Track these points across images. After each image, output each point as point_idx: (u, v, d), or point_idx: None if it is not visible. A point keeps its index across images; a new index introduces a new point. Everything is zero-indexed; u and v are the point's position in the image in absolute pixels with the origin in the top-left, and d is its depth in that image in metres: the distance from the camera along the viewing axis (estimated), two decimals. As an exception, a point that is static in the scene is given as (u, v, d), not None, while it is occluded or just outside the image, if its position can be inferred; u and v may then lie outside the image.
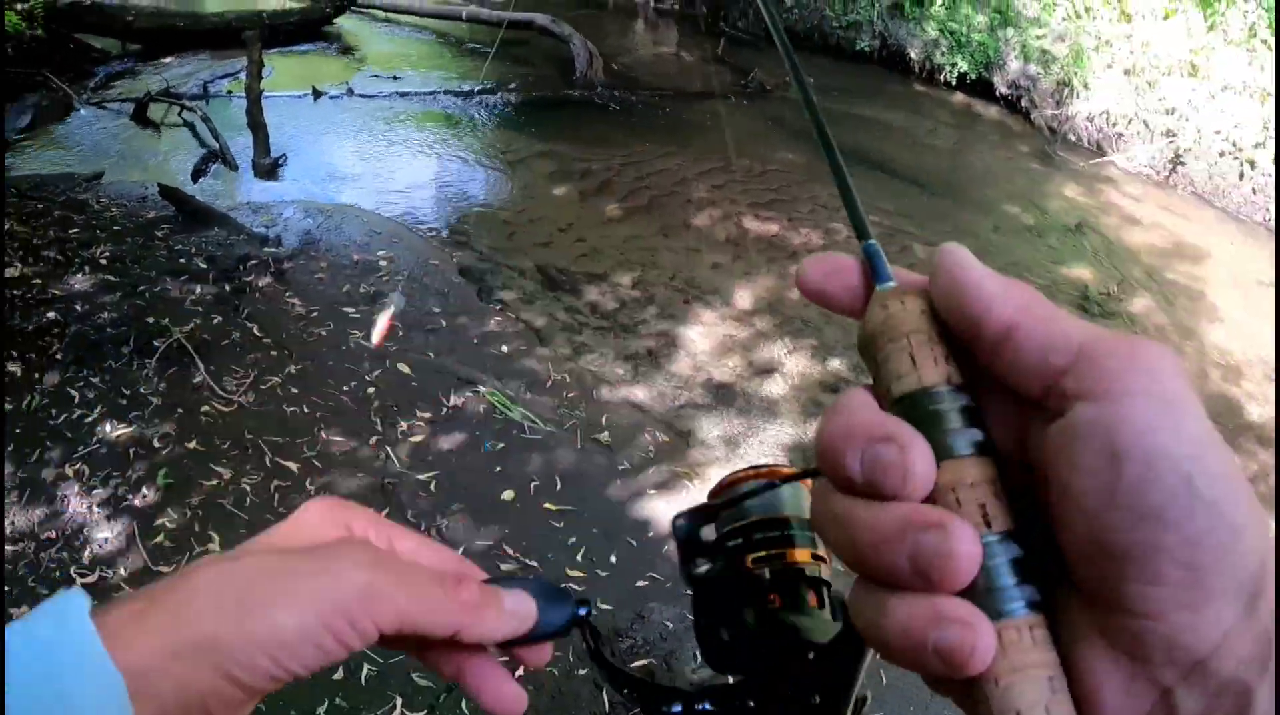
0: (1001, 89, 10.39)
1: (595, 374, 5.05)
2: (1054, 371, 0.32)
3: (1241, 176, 8.39)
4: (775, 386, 5.25)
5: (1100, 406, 0.30)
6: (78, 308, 4.71)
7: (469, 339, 5.15)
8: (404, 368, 4.66)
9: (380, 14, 11.95)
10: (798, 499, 0.70)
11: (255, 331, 4.80)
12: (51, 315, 4.58)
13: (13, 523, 3.38)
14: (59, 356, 4.30)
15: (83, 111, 9.01)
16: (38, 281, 4.90)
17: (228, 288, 5.16)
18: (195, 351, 4.40)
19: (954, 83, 10.68)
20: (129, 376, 4.26)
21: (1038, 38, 10.14)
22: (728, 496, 0.69)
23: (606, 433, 4.33)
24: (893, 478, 0.33)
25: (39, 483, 3.60)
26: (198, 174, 7.36)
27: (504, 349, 5.10)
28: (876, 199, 7.71)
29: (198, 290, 5.08)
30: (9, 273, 4.80)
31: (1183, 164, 8.77)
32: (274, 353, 4.61)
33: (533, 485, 3.90)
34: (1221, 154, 8.57)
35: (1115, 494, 0.29)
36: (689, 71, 10.63)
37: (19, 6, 10.10)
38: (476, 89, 9.28)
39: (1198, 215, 8.38)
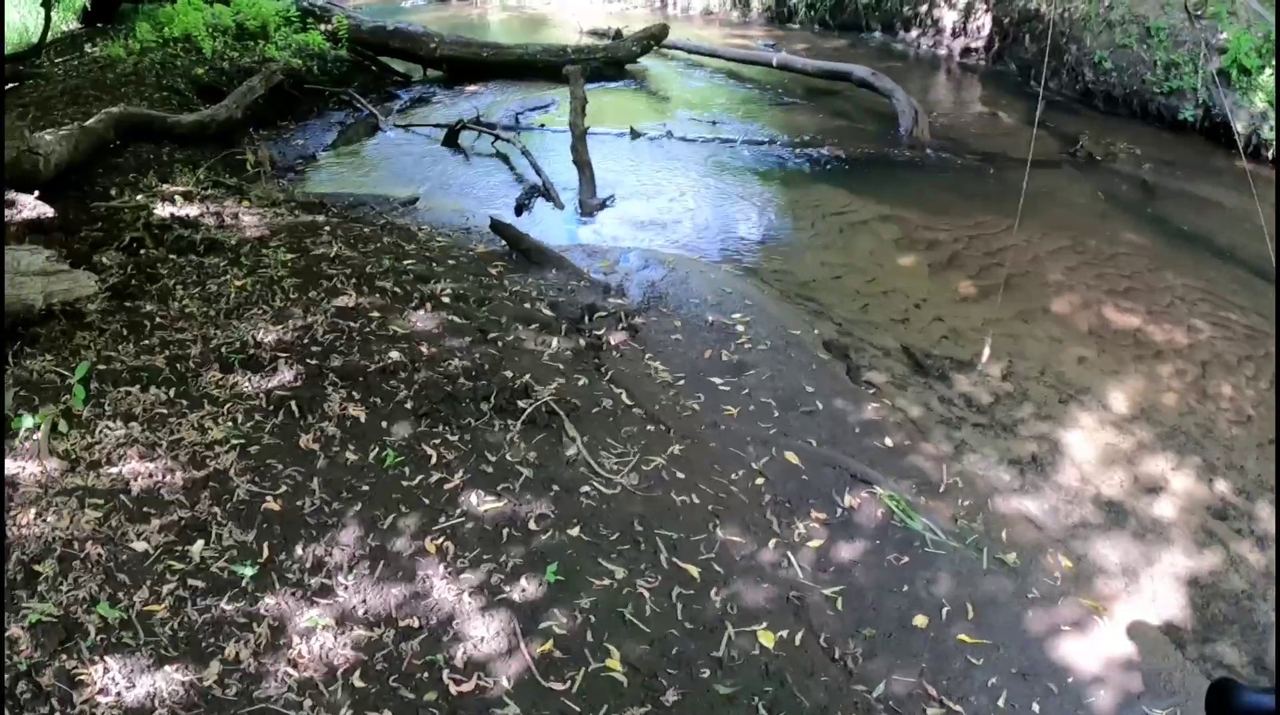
0: None
1: (985, 479, 4.61)
2: None
3: None
4: (1164, 508, 4.71)
5: None
6: (424, 349, 4.33)
7: (849, 427, 4.74)
8: (791, 457, 4.24)
9: (683, 55, 11.68)
10: None
11: (624, 398, 4.40)
12: (395, 355, 4.19)
13: (364, 600, 2.90)
14: (408, 405, 3.88)
15: (390, 133, 9.07)
16: (375, 314, 4.59)
17: (582, 342, 4.75)
18: (566, 417, 3.94)
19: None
20: (491, 439, 3.79)
21: None
22: None
23: (1013, 554, 3.87)
24: None
25: (394, 555, 3.11)
26: (520, 208, 7.13)
27: (888, 442, 4.66)
28: (1232, 295, 6.92)
29: (553, 343, 4.72)
30: (342, 301, 4.55)
31: None
32: (650, 427, 4.17)
33: (944, 610, 3.49)
34: None
35: None
36: (1011, 135, 9.90)
37: (323, 28, 10.38)
38: (798, 141, 8.71)
39: None
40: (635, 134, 9.00)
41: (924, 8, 13.08)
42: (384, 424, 3.77)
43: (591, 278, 5.95)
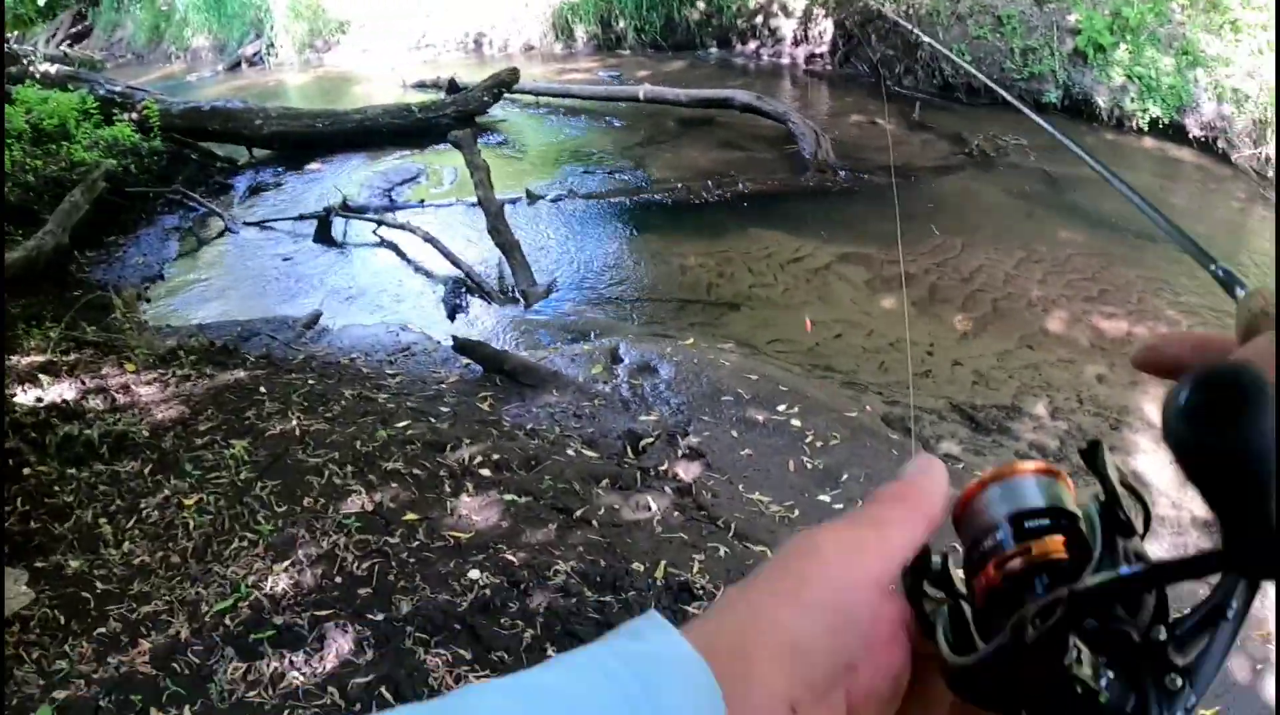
0: (1195, 131, 9.77)
1: None
2: None
3: None
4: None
5: None
6: (510, 558, 3.18)
7: None
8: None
9: (529, 98, 10.62)
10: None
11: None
12: (476, 575, 3.09)
13: None
14: (544, 648, 2.80)
15: (241, 233, 7.57)
16: (411, 517, 3.38)
17: (667, 489, 3.76)
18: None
19: (1145, 128, 10.02)
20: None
21: (1227, 76, 9.59)
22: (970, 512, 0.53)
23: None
24: None
25: None
26: (454, 312, 5.94)
27: None
28: (1176, 278, 7.00)
29: (651, 505, 3.72)
30: (355, 503, 3.32)
31: None
32: None
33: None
34: None
35: None
36: (903, 142, 9.61)
37: (128, 116, 8.69)
38: (708, 182, 8.00)
39: None
40: (533, 197, 7.92)
41: (759, 19, 12.67)
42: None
43: (598, 391, 4.92)
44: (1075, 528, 0.50)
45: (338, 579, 2.98)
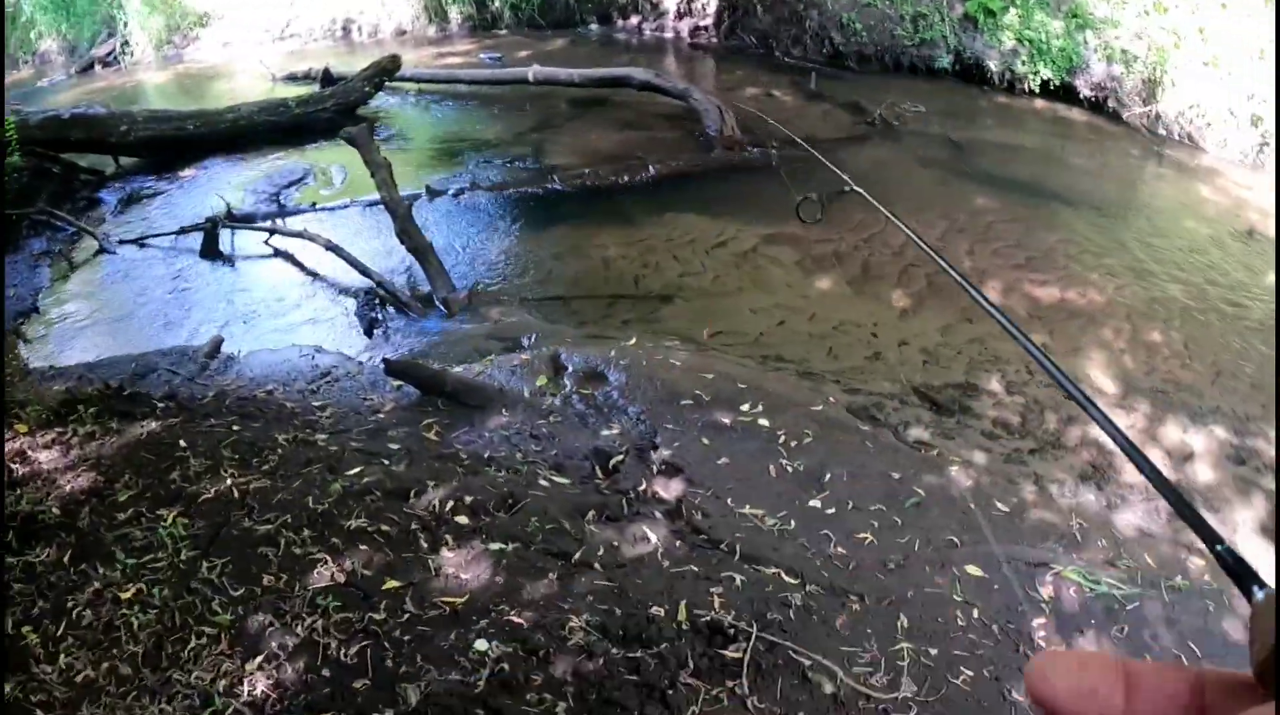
0: (1085, 92, 10.07)
1: (1085, 508, 4.33)
2: None
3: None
4: (1205, 472, 4.89)
5: None
6: (516, 620, 2.83)
7: (960, 505, 4.07)
8: (973, 570, 3.54)
9: (409, 86, 10.03)
10: None
11: (787, 578, 3.32)
12: (484, 646, 2.75)
13: None
14: None
15: (118, 253, 6.87)
16: (394, 584, 2.98)
17: (658, 513, 3.55)
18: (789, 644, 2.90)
19: (1036, 90, 10.27)
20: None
21: (1115, 38, 9.91)
22: None
23: (1179, 577, 3.65)
24: None
25: None
26: (371, 327, 5.47)
27: (1001, 507, 4.16)
28: (1092, 241, 7.27)
29: (650, 537, 3.43)
30: (324, 575, 2.99)
31: (1268, 145, 8.80)
32: (855, 607, 3.23)
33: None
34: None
35: None
36: (803, 113, 9.55)
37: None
38: (617, 167, 7.71)
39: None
40: (433, 193, 7.42)
41: (641, -8, 12.38)
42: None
43: (550, 406, 4.58)
44: None
45: (325, 671, 2.57)
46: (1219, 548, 0.42)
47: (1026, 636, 3.11)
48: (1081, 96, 10.04)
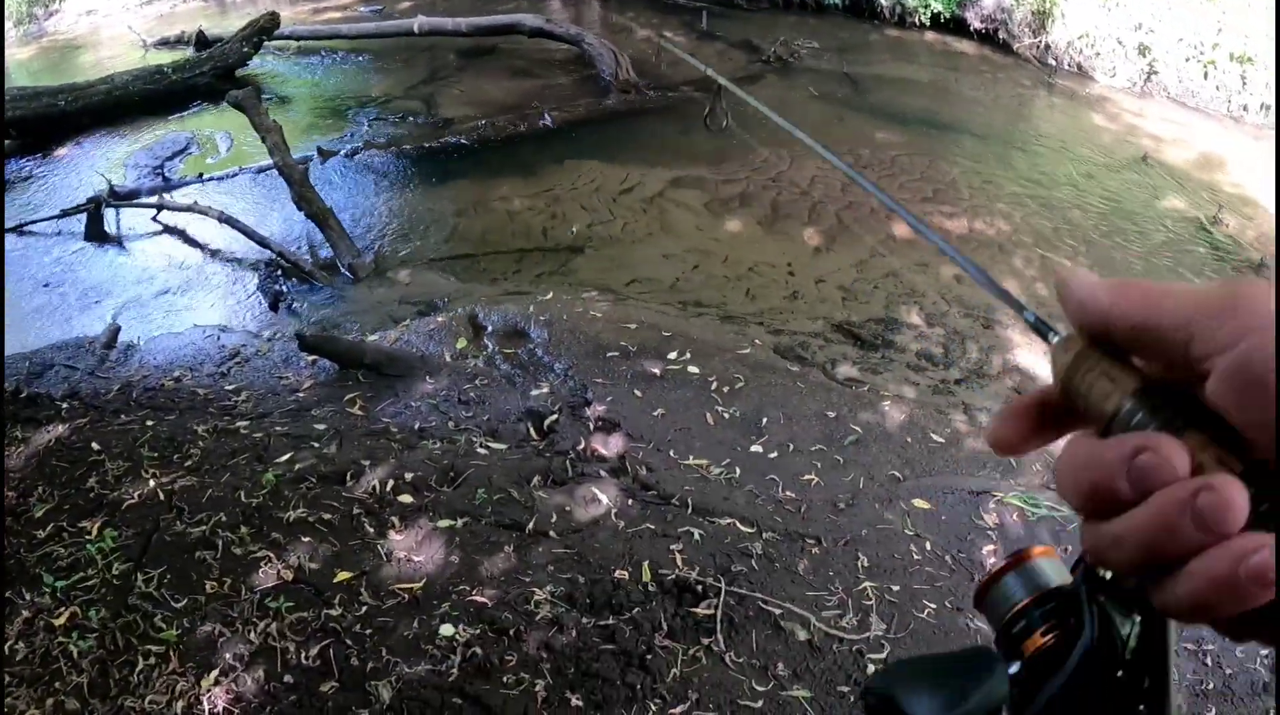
0: (976, 24, 10.18)
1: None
2: (1179, 346, 0.37)
3: (1206, 76, 8.81)
4: None
5: (1229, 357, 0.35)
6: (480, 598, 2.79)
7: (898, 439, 4.16)
8: (920, 504, 3.60)
9: (294, 44, 9.52)
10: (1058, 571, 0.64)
11: (742, 526, 3.30)
12: (450, 630, 2.69)
13: None
14: (569, 698, 2.50)
15: None
16: (345, 575, 2.88)
17: (602, 472, 3.55)
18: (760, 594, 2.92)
19: (927, 24, 10.36)
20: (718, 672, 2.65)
21: None
22: (993, 599, 0.62)
23: None
24: (1163, 474, 0.36)
25: None
26: (276, 301, 5.22)
27: (937, 438, 4.21)
28: (992, 170, 7.42)
29: (601, 497, 3.39)
30: (269, 574, 2.90)
31: (1155, 74, 9.09)
32: (814, 550, 3.23)
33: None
34: (1186, 59, 8.96)
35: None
36: (696, 53, 9.33)
37: None
38: (512, 116, 7.51)
39: (1184, 119, 8.64)
40: (325, 154, 7.08)
41: (517, -66, 11.94)
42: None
43: (475, 369, 4.47)
44: None
45: (287, 678, 2.47)
46: (1025, 314, 0.48)
47: (979, 565, 3.18)
48: (972, 29, 10.12)
